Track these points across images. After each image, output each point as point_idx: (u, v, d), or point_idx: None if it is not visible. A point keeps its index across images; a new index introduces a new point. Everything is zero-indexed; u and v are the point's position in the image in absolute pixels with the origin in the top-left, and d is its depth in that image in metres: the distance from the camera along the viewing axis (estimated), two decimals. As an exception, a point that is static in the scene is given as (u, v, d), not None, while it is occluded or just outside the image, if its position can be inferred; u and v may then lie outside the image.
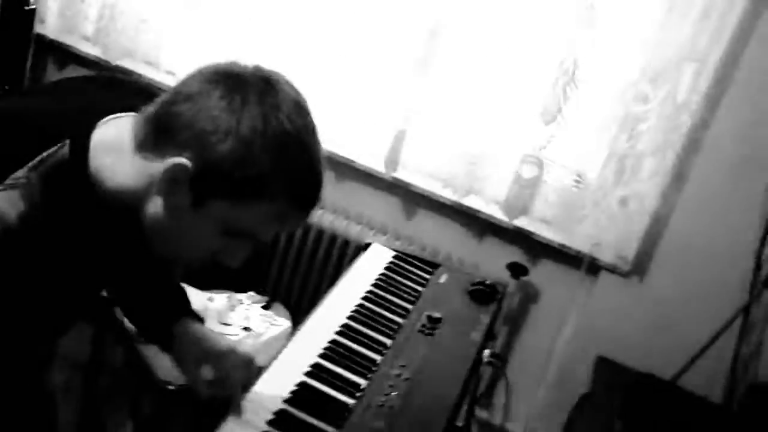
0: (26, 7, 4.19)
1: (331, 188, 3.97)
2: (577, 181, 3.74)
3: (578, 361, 3.77)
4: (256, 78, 1.47)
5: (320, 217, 3.95)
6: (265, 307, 3.50)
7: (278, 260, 4.06)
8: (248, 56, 1.65)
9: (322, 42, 3.86)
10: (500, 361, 2.45)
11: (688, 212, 3.62)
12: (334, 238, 3.94)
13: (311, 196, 1.53)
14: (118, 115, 1.54)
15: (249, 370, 1.93)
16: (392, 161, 3.88)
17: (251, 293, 3.55)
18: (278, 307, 3.60)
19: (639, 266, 3.73)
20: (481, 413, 3.99)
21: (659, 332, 3.69)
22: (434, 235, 3.92)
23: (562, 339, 3.86)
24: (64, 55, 4.40)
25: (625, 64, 3.53)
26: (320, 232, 3.95)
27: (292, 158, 1.46)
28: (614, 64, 3.56)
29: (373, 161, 3.96)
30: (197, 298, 3.36)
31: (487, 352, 2.42)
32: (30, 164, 1.43)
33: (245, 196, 1.46)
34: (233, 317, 3.37)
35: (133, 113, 1.53)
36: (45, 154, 1.44)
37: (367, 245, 2.85)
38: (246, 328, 3.33)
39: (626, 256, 3.70)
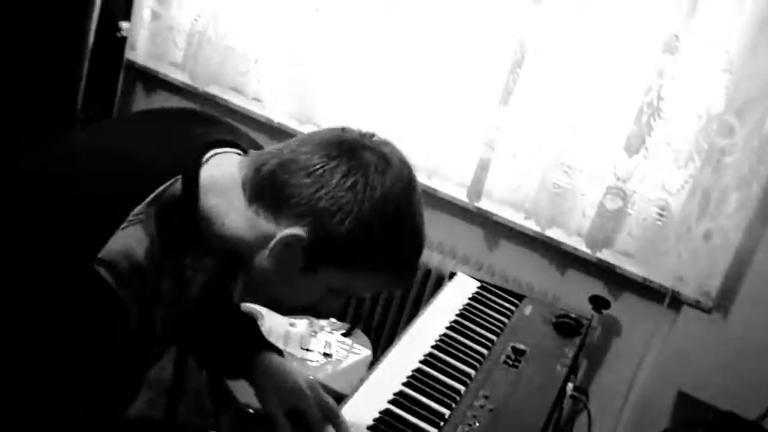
0: (118, 35, 4.29)
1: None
2: (661, 214, 3.69)
3: (658, 397, 3.71)
4: (374, 155, 1.53)
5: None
6: (345, 335, 3.51)
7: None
8: (334, 84, 1.67)
9: (408, 71, 3.88)
10: (583, 395, 2.43)
11: (774, 248, 3.56)
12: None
13: (413, 269, 1.67)
14: (219, 150, 1.61)
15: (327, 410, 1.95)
16: (476, 191, 3.88)
17: (332, 320, 3.57)
18: (359, 334, 3.61)
19: (722, 302, 3.66)
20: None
21: (743, 371, 3.61)
22: (516, 266, 3.91)
23: (642, 374, 3.81)
24: (153, 81, 4.49)
25: (710, 95, 3.49)
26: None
27: (404, 238, 1.57)
28: (699, 95, 3.52)
29: (457, 190, 3.97)
30: (279, 323, 3.39)
31: (570, 385, 2.42)
32: (147, 200, 1.48)
33: (354, 268, 1.56)
34: (314, 343, 3.39)
35: (235, 150, 1.62)
36: (159, 189, 1.50)
37: (452, 274, 2.87)
38: (326, 354, 3.34)
39: (709, 291, 3.63)
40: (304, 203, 1.50)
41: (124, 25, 4.29)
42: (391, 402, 2.10)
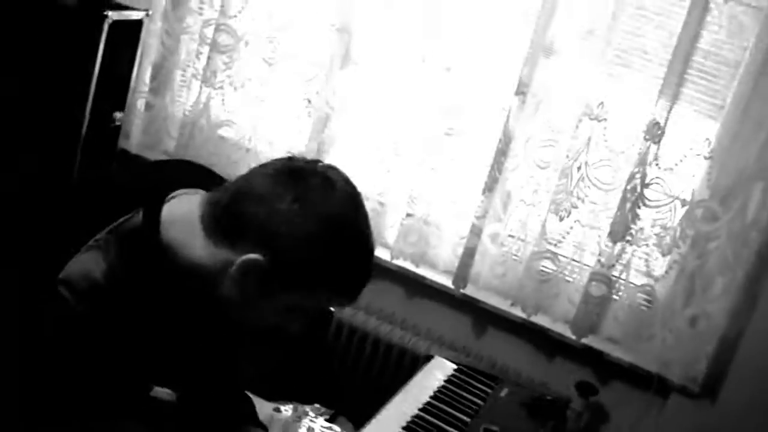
0: (112, 125, 4.35)
1: (402, 304, 4.02)
2: (647, 300, 3.70)
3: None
4: (319, 179, 1.63)
5: (390, 332, 3.97)
6: (329, 420, 3.50)
7: (346, 374, 4.07)
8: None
9: (396, 157, 3.94)
10: (560, 477, 2.43)
11: (759, 333, 3.55)
12: (403, 353, 3.94)
13: (363, 284, 1.72)
14: (187, 191, 1.72)
15: None
16: (461, 277, 3.90)
17: (317, 405, 3.56)
18: (343, 420, 3.59)
19: (709, 388, 3.65)
20: None
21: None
22: (504, 353, 3.91)
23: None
24: (146, 170, 4.54)
25: (694, 182, 3.54)
26: (389, 348, 3.97)
27: (353, 256, 1.66)
28: (682, 182, 3.57)
29: (442, 278, 3.98)
30: (264, 408, 3.38)
31: (544, 467, 2.40)
32: (109, 227, 1.62)
33: (310, 287, 1.65)
34: (298, 429, 3.38)
35: (200, 191, 1.71)
36: (122, 219, 1.64)
37: (429, 357, 2.88)
38: (310, 440, 3.33)
39: (696, 376, 3.63)
40: (258, 230, 1.59)
41: (117, 115, 4.35)
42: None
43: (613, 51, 3.57)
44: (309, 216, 1.58)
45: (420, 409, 2.49)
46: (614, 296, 3.75)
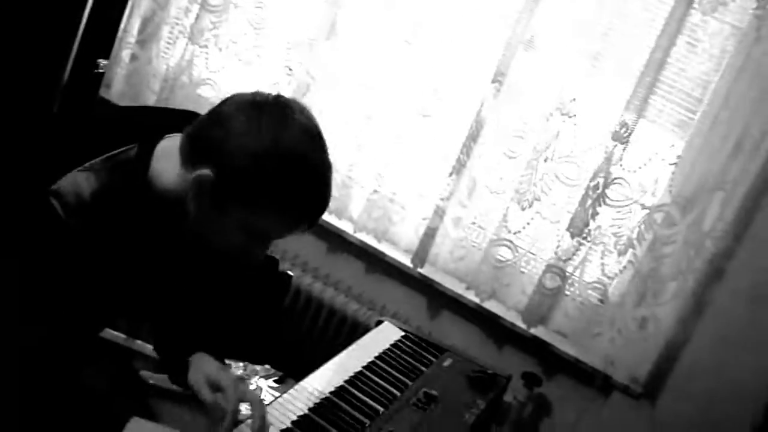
0: (95, 71, 4.36)
1: (360, 278, 4.07)
2: (599, 298, 3.77)
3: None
4: (275, 107, 1.75)
5: (345, 304, 4.03)
6: (278, 381, 3.54)
7: (299, 341, 4.12)
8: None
9: (366, 132, 4.00)
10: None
11: (704, 340, 3.62)
12: (356, 326, 4.00)
13: (314, 210, 1.82)
14: (180, 134, 1.83)
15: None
16: (420, 257, 3.95)
17: (267, 366, 3.61)
18: (291, 383, 3.63)
19: (651, 389, 3.72)
20: None
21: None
22: (455, 337, 3.96)
23: (568, 452, 3.86)
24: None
25: (656, 187, 3.61)
26: (343, 319, 4.03)
27: (297, 177, 1.73)
28: (645, 185, 3.64)
29: (402, 256, 4.05)
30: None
31: (478, 435, 2.46)
32: (105, 156, 1.75)
33: (256, 203, 1.74)
34: (247, 386, 3.42)
35: None
36: (118, 151, 1.77)
37: (379, 321, 2.93)
38: (256, 398, 3.37)
39: (639, 378, 3.70)
40: (212, 148, 1.72)
41: (101, 62, 4.37)
42: (295, 423, 2.15)
43: (591, 51, 3.63)
44: (260, 136, 1.69)
45: (364, 367, 2.55)
46: (567, 290, 3.82)
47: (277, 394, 3.43)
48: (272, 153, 1.69)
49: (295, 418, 2.17)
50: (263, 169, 1.69)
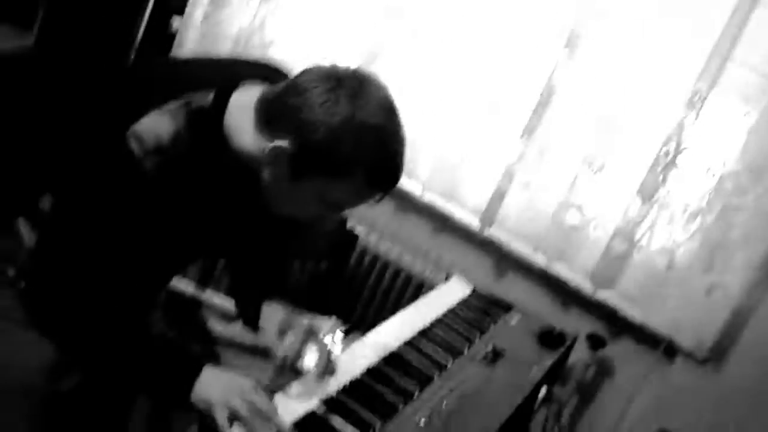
0: (168, 30, 4.42)
1: (427, 238, 4.09)
2: (667, 264, 3.75)
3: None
4: (353, 80, 1.76)
5: (412, 263, 4.07)
6: (344, 334, 3.58)
7: (366, 300, 4.17)
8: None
9: (437, 93, 4.02)
10: (557, 404, 2.51)
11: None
12: (421, 285, 4.03)
13: (388, 181, 1.83)
14: (254, 83, 1.88)
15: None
16: (488, 218, 3.97)
17: (334, 318, 3.65)
18: (356, 336, 3.67)
19: (716, 356, 3.70)
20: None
21: (727, 423, 3.66)
22: (520, 298, 3.92)
23: (629, 417, 3.86)
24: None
25: (729, 154, 3.57)
26: (409, 278, 4.06)
27: (371, 148, 1.75)
28: (717, 152, 3.60)
29: (471, 217, 4.06)
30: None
31: (543, 390, 2.48)
32: (181, 98, 1.80)
33: (332, 176, 1.77)
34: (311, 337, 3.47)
35: (262, 85, 1.86)
36: (194, 95, 1.81)
37: (448, 276, 2.96)
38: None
39: (705, 343, 3.68)
40: (289, 119, 1.75)
41: (175, 20, 4.42)
42: (367, 371, 2.19)
43: (664, 20, 3.60)
44: (338, 110, 1.71)
45: (432, 321, 2.58)
46: (635, 254, 3.80)
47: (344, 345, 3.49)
48: (350, 127, 1.71)
49: (365, 368, 2.21)
50: (341, 142, 1.72)
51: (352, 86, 1.75)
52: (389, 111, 1.79)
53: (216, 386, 1.84)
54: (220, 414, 1.80)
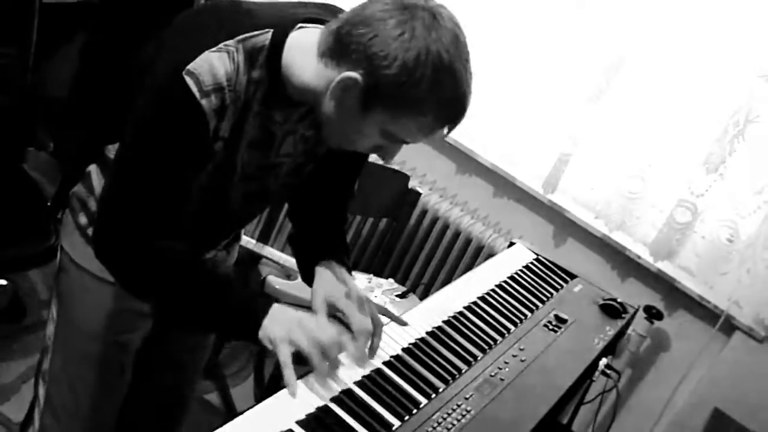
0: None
1: (488, 201, 4.08)
2: (729, 237, 3.71)
3: (695, 411, 3.73)
4: (425, 12, 1.70)
5: (471, 226, 4.06)
6: (400, 296, 3.60)
7: (425, 259, 4.18)
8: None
9: (506, 59, 3.98)
10: (616, 374, 2.49)
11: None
12: (480, 248, 4.03)
13: (455, 118, 1.80)
14: (314, 25, 1.83)
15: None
16: (551, 184, 3.95)
17: (391, 280, 3.67)
18: (413, 298, 3.69)
19: (776, 335, 3.68)
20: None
21: (784, 402, 3.63)
22: (579, 266, 3.91)
23: (683, 388, 3.84)
24: None
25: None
26: (469, 241, 4.06)
27: (443, 85, 1.70)
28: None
29: (533, 182, 4.05)
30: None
31: (604, 361, 2.47)
32: (239, 37, 1.76)
33: (401, 110, 1.73)
34: (369, 298, 3.48)
35: (320, 27, 1.81)
36: (251, 34, 1.78)
37: (511, 243, 2.95)
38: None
39: (764, 320, 3.64)
40: (360, 50, 1.69)
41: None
42: (429, 333, 2.20)
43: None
44: (409, 42, 1.66)
45: (496, 286, 2.57)
46: (697, 226, 3.75)
47: (401, 307, 3.50)
48: (425, 63, 1.66)
49: (430, 329, 2.21)
50: (415, 79, 1.67)
51: (426, 19, 1.69)
52: (461, 45, 1.74)
53: (282, 324, 1.83)
54: (283, 351, 1.80)
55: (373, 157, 2.23)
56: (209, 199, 1.96)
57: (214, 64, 1.71)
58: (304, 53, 1.78)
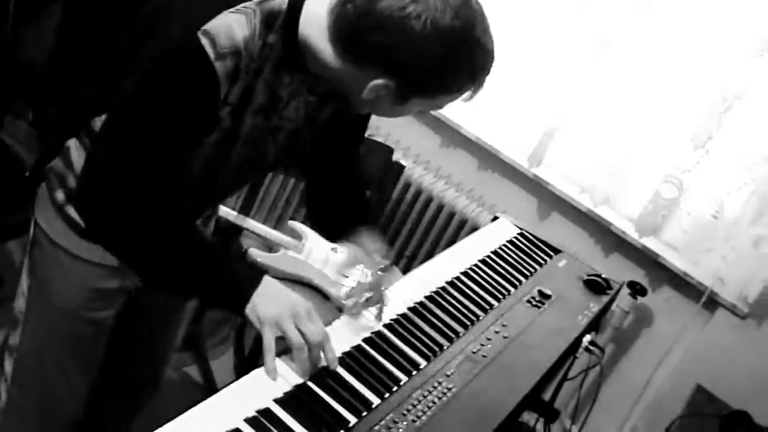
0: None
1: (472, 175, 4.05)
2: (714, 213, 3.69)
3: (677, 387, 3.72)
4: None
5: (455, 199, 4.02)
6: (382, 269, 3.54)
7: (407, 233, 4.14)
8: None
9: (495, 30, 3.91)
10: (600, 351, 2.46)
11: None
12: (464, 222, 3.99)
13: (484, 77, 1.81)
14: None
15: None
16: (536, 158, 3.91)
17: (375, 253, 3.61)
18: (395, 271, 3.63)
19: (759, 312, 3.65)
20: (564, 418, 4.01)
21: (766, 379, 3.61)
22: (563, 241, 3.89)
23: (666, 365, 3.83)
24: None
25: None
26: (452, 215, 4.02)
27: (475, 58, 1.73)
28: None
29: (518, 156, 4.01)
30: (321, 246, 3.43)
31: (588, 337, 2.44)
32: (256, 1, 1.71)
33: (439, 92, 1.78)
34: (352, 272, 3.43)
35: None
36: None
37: (495, 218, 2.92)
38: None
39: (747, 297, 3.63)
40: (385, 56, 1.68)
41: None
42: (410, 309, 2.16)
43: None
44: (431, 37, 1.64)
45: (479, 260, 2.53)
46: (682, 202, 3.73)
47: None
48: (451, 47, 1.67)
49: (411, 304, 2.18)
50: (446, 65, 1.69)
51: (438, 5, 1.66)
52: (481, 17, 1.73)
53: (272, 304, 1.79)
54: (268, 334, 1.77)
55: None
56: (206, 167, 1.90)
57: (232, 26, 1.66)
58: (318, 29, 1.73)
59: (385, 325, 2.05)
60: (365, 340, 1.97)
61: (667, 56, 3.64)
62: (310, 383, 1.77)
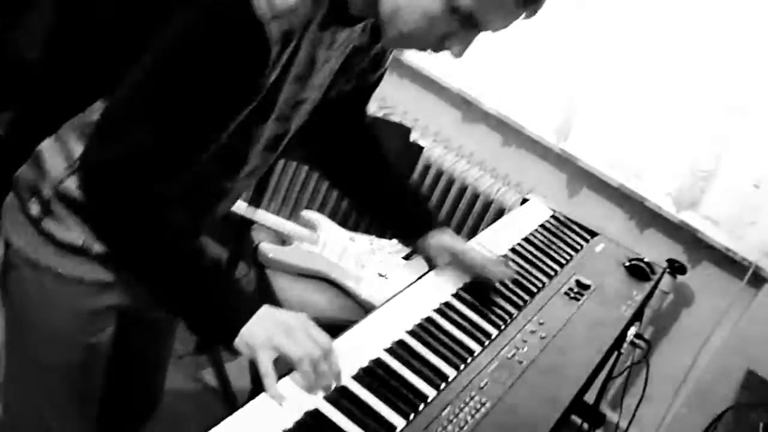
0: None
1: (496, 152, 3.85)
2: (756, 183, 3.47)
3: (725, 373, 3.51)
4: None
5: (478, 179, 3.82)
6: (406, 258, 3.36)
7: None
8: None
9: None
10: (646, 343, 2.26)
11: None
12: (489, 203, 3.79)
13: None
14: None
15: None
16: (563, 132, 3.70)
17: (394, 241, 3.42)
18: (420, 260, 3.44)
19: (808, 286, 3.46)
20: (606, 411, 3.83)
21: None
22: (595, 218, 3.68)
23: (709, 348, 3.64)
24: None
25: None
26: (476, 196, 3.82)
27: None
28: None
29: (544, 130, 3.81)
30: (338, 237, 3.25)
31: (633, 330, 2.23)
32: None
33: None
34: (371, 262, 3.24)
35: None
36: None
37: (525, 200, 2.71)
38: (380, 275, 3.19)
39: (796, 271, 3.44)
40: None
41: None
42: (436, 310, 1.94)
43: None
44: None
45: (510, 249, 2.32)
46: (721, 174, 3.53)
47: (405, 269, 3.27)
48: None
49: (436, 306, 1.96)
50: None
51: None
52: None
53: (259, 328, 1.57)
54: (262, 357, 1.55)
55: (371, 112, 1.97)
56: (235, 143, 1.69)
57: None
58: None
59: (408, 332, 1.83)
60: (386, 350, 1.74)
61: (703, 19, 3.43)
62: (323, 406, 1.54)
